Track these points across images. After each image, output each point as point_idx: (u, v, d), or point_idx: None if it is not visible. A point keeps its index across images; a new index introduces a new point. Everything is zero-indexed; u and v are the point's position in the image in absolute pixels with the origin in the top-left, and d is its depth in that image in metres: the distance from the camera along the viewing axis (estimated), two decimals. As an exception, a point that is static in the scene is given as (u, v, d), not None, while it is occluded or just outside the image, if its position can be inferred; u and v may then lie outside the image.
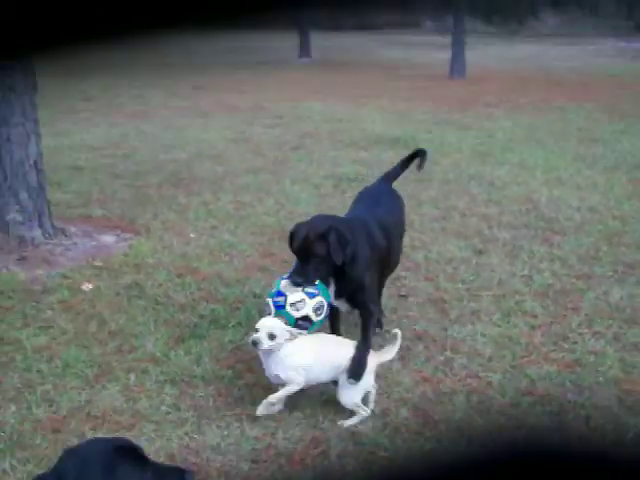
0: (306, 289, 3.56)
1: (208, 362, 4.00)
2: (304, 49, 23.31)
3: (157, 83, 16.15)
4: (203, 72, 18.49)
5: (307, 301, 3.55)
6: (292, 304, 3.53)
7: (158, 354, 4.08)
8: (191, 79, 17.06)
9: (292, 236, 3.77)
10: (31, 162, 5.54)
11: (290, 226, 6.15)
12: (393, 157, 8.73)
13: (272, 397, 3.39)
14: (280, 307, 3.55)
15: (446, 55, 18.67)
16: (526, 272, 5.35)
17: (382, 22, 28.13)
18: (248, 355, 3.96)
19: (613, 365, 4.05)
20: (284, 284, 3.60)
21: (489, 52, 24.92)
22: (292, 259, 5.35)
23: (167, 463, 2.89)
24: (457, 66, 17.63)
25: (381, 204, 4.27)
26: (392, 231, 4.18)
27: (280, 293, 3.58)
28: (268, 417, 3.38)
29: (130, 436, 3.28)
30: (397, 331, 3.60)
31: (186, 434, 3.37)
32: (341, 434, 3.39)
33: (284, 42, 24.40)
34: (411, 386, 3.77)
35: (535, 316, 4.66)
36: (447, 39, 19.23)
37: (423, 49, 26.29)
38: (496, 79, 17.63)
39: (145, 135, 10.52)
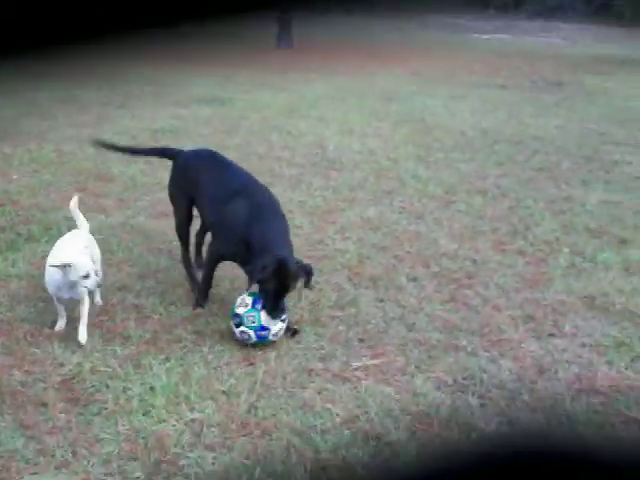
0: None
1: (22, 266, 4.85)
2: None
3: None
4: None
5: (283, 326, 4.01)
6: (274, 334, 3.97)
7: (-22, 262, 4.88)
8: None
9: (287, 277, 3.94)
10: None
11: (106, 169, 7.03)
12: (209, 113, 9.72)
13: (84, 323, 3.97)
14: (264, 337, 3.94)
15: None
16: (302, 198, 6.47)
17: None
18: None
19: (352, 258, 5.22)
20: (265, 318, 3.91)
21: (323, 26, 26.07)
22: (105, 193, 6.21)
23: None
24: (284, 37, 18.66)
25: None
26: None
27: (264, 327, 3.93)
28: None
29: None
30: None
31: (0, 312, 4.23)
32: (126, 307, 4.36)
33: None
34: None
35: (301, 228, 5.76)
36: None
37: (255, 21, 27.10)
38: (321, 50, 18.77)
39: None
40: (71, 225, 5.45)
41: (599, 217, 6.18)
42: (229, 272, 4.70)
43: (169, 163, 6.95)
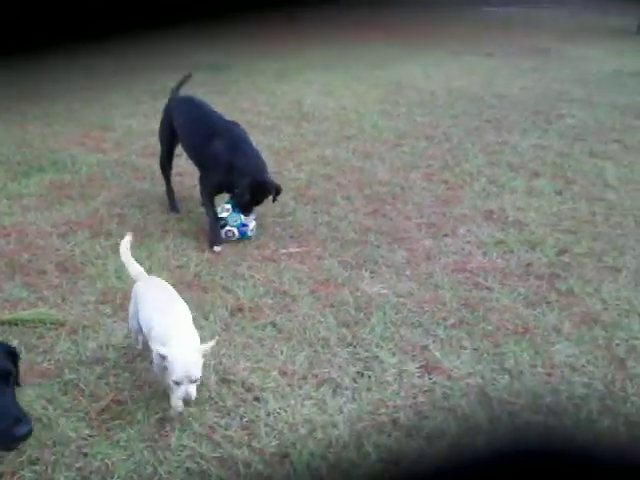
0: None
1: (32, 187, 6.07)
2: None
3: None
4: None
5: (255, 223, 5.21)
6: (251, 230, 5.17)
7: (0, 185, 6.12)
8: None
9: (263, 192, 5.13)
10: None
11: (108, 121, 8.20)
12: (205, 78, 10.85)
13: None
14: (244, 232, 5.14)
15: None
16: (272, 142, 7.60)
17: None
18: (61, 182, 6.06)
19: (301, 184, 6.37)
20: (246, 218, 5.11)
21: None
22: (106, 139, 7.40)
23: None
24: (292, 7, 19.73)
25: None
26: None
27: (244, 224, 5.13)
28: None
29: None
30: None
31: (15, 218, 5.45)
32: (111, 215, 5.55)
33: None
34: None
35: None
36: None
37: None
38: (325, 21, 19.82)
39: None
40: (75, 161, 6.67)
41: (523, 156, 7.25)
42: (195, 193, 5.88)
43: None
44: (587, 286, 4.54)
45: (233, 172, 5.11)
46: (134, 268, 3.71)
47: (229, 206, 5.20)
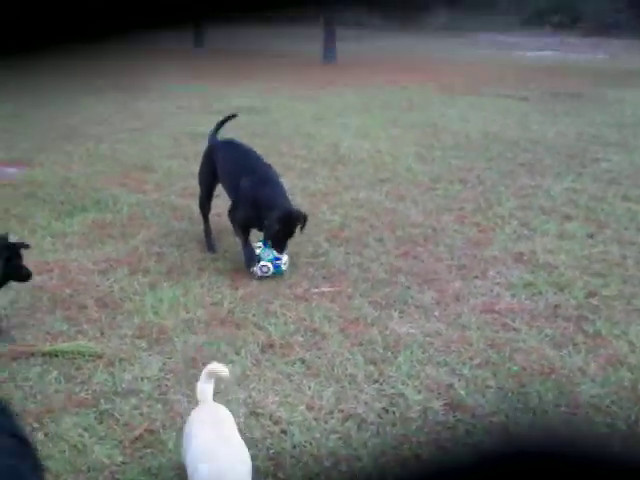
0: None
1: (76, 226, 6.30)
2: (198, 39, 25.39)
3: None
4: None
5: (287, 258, 5.45)
6: (284, 263, 5.41)
7: (44, 223, 6.36)
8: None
9: (291, 222, 5.37)
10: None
11: (149, 163, 8.49)
12: (245, 120, 11.12)
13: None
14: (278, 266, 5.35)
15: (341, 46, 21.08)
16: (307, 185, 7.78)
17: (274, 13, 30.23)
18: (103, 222, 6.30)
19: (334, 226, 6.51)
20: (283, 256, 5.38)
21: (374, 43, 27.39)
22: (146, 180, 7.65)
23: None
24: (329, 53, 20.11)
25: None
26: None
27: (277, 258, 5.37)
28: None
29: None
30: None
31: (57, 255, 5.67)
32: (150, 253, 5.74)
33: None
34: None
35: (300, 206, 7.06)
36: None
37: (311, 39, 28.63)
38: (362, 65, 20.15)
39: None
40: (116, 200, 6.90)
41: (556, 200, 7.31)
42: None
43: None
44: (614, 328, 4.59)
45: (261, 208, 5.37)
46: (204, 390, 3.24)
47: (260, 244, 5.43)
